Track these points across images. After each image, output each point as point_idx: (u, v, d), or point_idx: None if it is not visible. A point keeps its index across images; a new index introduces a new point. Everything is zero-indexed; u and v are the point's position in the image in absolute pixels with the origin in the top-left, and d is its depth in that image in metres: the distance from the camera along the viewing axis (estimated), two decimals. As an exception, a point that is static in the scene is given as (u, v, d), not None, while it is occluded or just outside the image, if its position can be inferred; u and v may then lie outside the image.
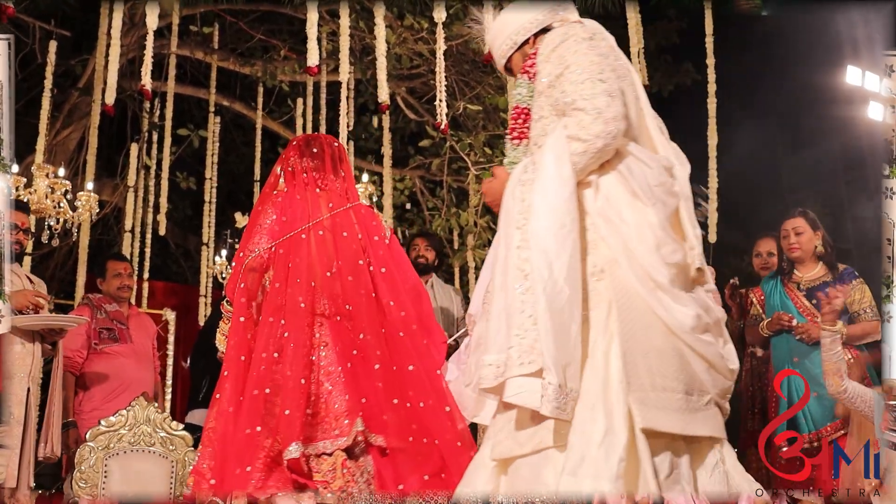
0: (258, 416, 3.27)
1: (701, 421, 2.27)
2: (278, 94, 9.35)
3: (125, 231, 8.06)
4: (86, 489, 4.10)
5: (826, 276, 4.55)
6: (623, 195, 2.36)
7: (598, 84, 2.36)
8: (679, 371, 2.26)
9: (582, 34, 2.49)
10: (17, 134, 8.84)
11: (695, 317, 2.28)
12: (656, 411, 2.21)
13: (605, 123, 2.32)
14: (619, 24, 6.79)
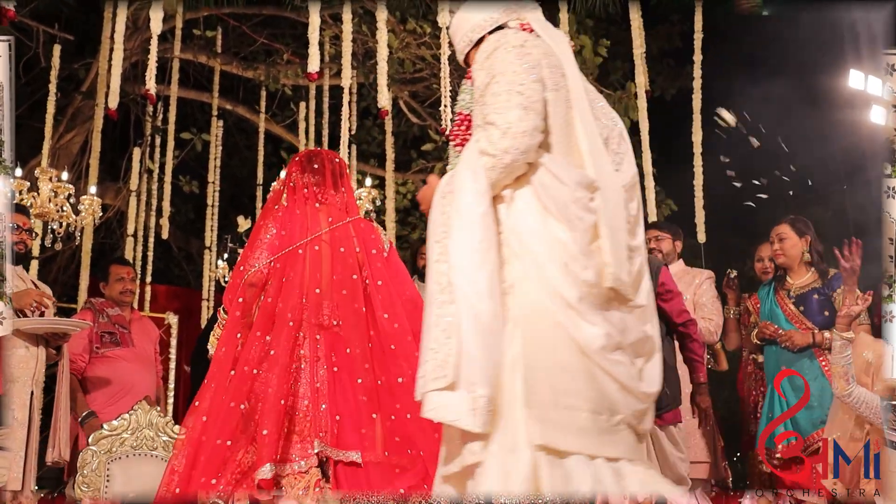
0: (232, 430, 3.30)
1: (609, 442, 2.24)
2: (281, 98, 9.36)
3: (128, 235, 8.07)
4: (88, 493, 4.11)
5: (816, 283, 4.56)
6: (535, 211, 2.32)
7: (514, 97, 2.32)
8: (587, 390, 2.23)
9: (514, 41, 2.44)
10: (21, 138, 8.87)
11: (604, 336, 2.24)
12: (556, 430, 2.19)
13: (514, 139, 2.28)
14: (621, 27, 6.82)
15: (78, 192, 6.94)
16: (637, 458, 2.30)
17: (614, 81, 8.44)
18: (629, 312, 2.34)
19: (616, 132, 2.52)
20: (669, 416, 4.22)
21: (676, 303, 4.34)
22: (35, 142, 7.08)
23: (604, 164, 2.38)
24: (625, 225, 2.36)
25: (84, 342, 5.11)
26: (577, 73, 2.48)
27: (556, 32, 2.57)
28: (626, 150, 2.51)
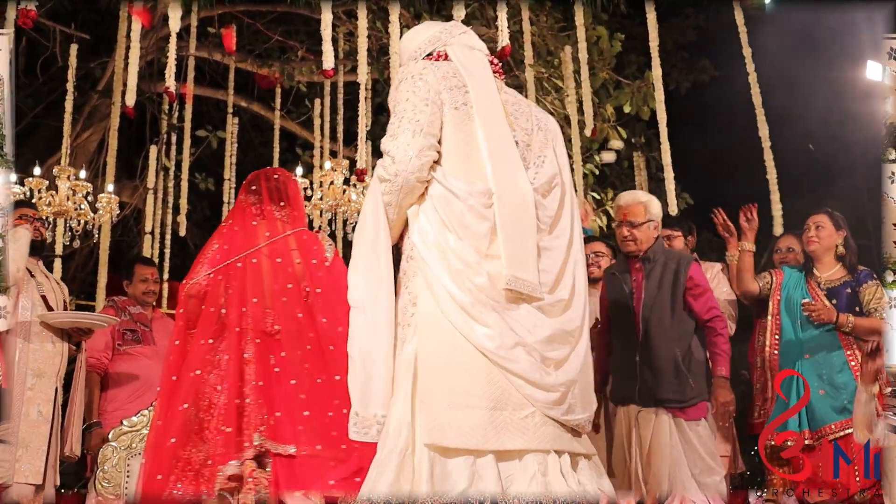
0: (179, 429, 3.56)
1: (511, 435, 2.33)
2: (296, 95, 9.38)
3: (145, 232, 8.11)
4: (109, 488, 4.15)
5: (846, 277, 4.54)
6: (434, 225, 2.48)
7: (404, 124, 2.52)
8: (486, 388, 2.34)
9: (412, 72, 2.62)
10: (39, 137, 8.95)
11: (496, 336, 2.36)
12: (445, 429, 2.31)
13: (402, 163, 2.48)
14: (635, 21, 6.81)
15: (95, 190, 7.00)
16: (564, 448, 2.41)
17: (629, 75, 8.41)
18: (542, 309, 2.47)
19: (541, 136, 2.69)
20: (693, 411, 4.22)
21: (706, 299, 4.35)
22: (53, 141, 7.13)
23: (507, 171, 2.52)
24: (532, 226, 2.51)
25: (106, 339, 5.16)
26: (487, 87, 2.64)
27: (474, 54, 2.74)
28: (549, 153, 2.67)
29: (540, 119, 2.74)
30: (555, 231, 2.59)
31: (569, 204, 2.65)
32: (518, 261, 2.43)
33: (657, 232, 4.50)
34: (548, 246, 2.54)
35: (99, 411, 5.14)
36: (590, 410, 2.52)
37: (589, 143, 8.22)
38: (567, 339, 2.49)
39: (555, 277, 2.52)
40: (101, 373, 5.18)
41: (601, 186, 8.95)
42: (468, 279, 2.41)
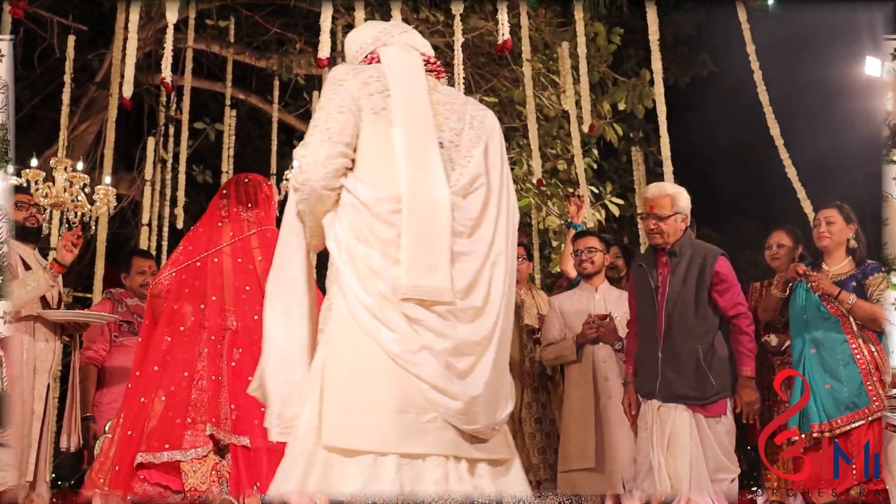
0: (135, 422, 3.73)
1: (416, 438, 2.36)
2: (294, 88, 9.36)
3: (142, 224, 8.10)
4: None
5: (853, 270, 4.49)
6: (346, 233, 2.48)
7: (314, 132, 2.53)
8: (391, 391, 2.37)
9: (334, 77, 2.61)
10: (36, 128, 8.92)
11: (402, 340, 2.38)
12: (347, 431, 2.34)
13: (308, 172, 2.49)
14: (635, 15, 6.79)
15: (92, 182, 6.97)
16: (462, 453, 2.42)
17: (628, 70, 8.41)
18: (452, 313, 2.45)
19: (472, 134, 2.64)
20: (714, 407, 4.22)
21: (731, 295, 4.32)
22: (50, 132, 7.12)
23: (421, 176, 2.49)
24: (445, 231, 2.47)
25: (104, 332, 5.18)
26: (412, 90, 2.61)
27: (410, 55, 2.71)
28: (477, 152, 2.62)
29: (475, 116, 2.69)
30: (475, 234, 2.55)
31: (494, 205, 2.60)
32: (422, 268, 2.43)
33: (685, 225, 4.46)
34: (465, 250, 2.51)
35: (94, 403, 5.14)
36: (494, 418, 2.49)
37: (587, 138, 8.23)
38: (473, 349, 2.47)
39: (468, 283, 2.50)
40: (99, 365, 5.19)
41: (599, 180, 8.95)
42: (375, 285, 2.42)
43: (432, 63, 2.75)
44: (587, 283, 5.18)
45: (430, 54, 2.78)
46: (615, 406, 4.78)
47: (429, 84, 2.68)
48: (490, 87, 8.81)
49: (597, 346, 4.93)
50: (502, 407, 2.52)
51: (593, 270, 5.10)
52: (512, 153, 8.64)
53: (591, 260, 5.11)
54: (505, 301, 2.55)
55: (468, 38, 7.78)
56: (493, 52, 8.27)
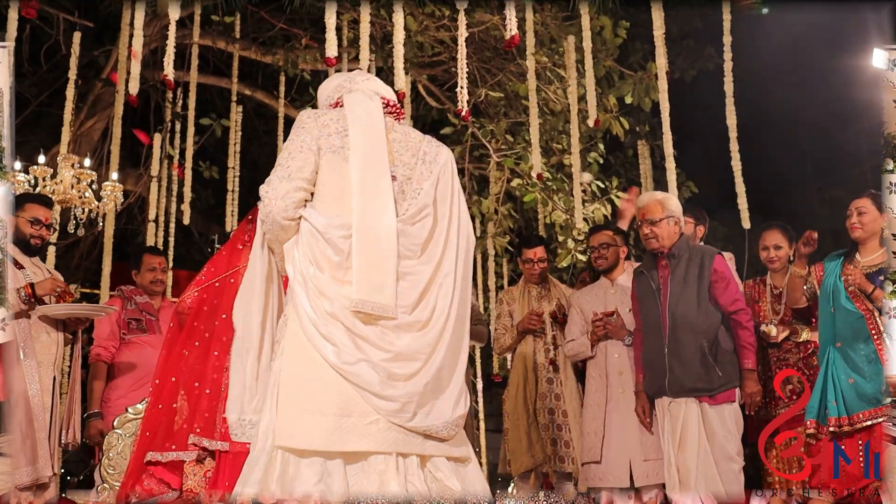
0: (151, 426, 3.88)
1: (358, 438, 2.66)
2: (300, 83, 9.36)
3: (149, 220, 8.12)
4: (114, 475, 4.18)
5: (883, 263, 4.38)
6: (303, 257, 2.82)
7: (276, 170, 2.90)
8: (334, 397, 2.68)
9: (298, 122, 2.97)
10: (43, 125, 8.94)
11: (341, 352, 2.70)
12: (295, 433, 2.66)
13: (269, 205, 2.86)
14: (641, 9, 6.76)
15: (99, 179, 7.00)
16: (410, 450, 2.72)
17: (634, 63, 8.39)
18: (399, 327, 2.78)
19: (423, 168, 2.97)
20: (723, 397, 4.38)
21: (730, 292, 4.50)
22: (56, 129, 7.12)
23: (371, 206, 2.82)
24: (391, 254, 2.79)
25: (112, 329, 5.21)
26: (369, 130, 2.94)
27: (370, 100, 3.05)
28: (427, 185, 2.94)
29: (427, 153, 3.02)
30: (423, 257, 2.87)
31: (442, 232, 2.92)
32: (369, 286, 2.74)
33: (678, 227, 4.64)
34: (412, 271, 2.84)
35: (102, 400, 5.17)
36: (443, 418, 2.77)
37: (593, 132, 8.22)
38: (417, 356, 2.77)
39: (415, 299, 2.82)
40: (108, 362, 5.21)
41: (605, 175, 8.94)
42: (322, 305, 2.74)
43: (391, 106, 3.10)
44: (605, 278, 5.23)
45: (390, 98, 3.11)
46: (628, 400, 4.82)
47: (386, 124, 3.02)
48: (496, 82, 8.80)
49: (610, 342, 4.98)
50: (452, 407, 2.81)
51: (607, 266, 5.19)
52: (518, 148, 8.64)
53: (604, 256, 5.18)
54: (454, 315, 2.87)
55: (474, 32, 7.78)
56: (499, 46, 8.26)
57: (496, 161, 8.82)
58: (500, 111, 9.01)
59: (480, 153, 9.18)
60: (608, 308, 5.02)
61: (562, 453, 5.25)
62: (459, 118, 7.94)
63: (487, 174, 9.25)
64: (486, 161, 9.15)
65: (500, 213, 9.01)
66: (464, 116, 6.00)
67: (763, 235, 5.05)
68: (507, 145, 8.73)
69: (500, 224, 9.02)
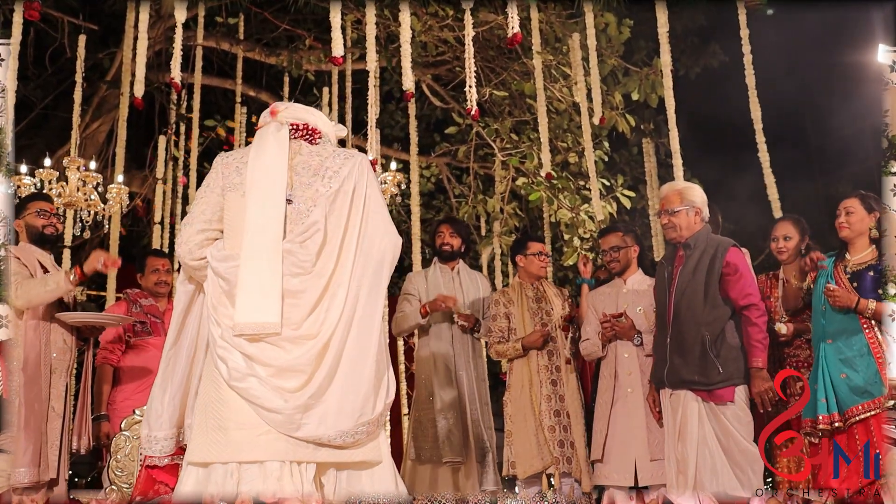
0: None
1: (250, 449, 2.86)
2: (304, 84, 9.37)
3: (155, 223, 8.14)
4: (122, 477, 4.19)
5: (873, 261, 4.42)
6: (209, 290, 3.06)
7: (187, 217, 3.16)
8: (231, 413, 2.89)
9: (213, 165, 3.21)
10: (48, 128, 8.96)
11: (232, 370, 2.90)
12: (201, 447, 2.89)
13: (178, 248, 3.14)
14: (644, 6, 6.76)
15: (105, 181, 7.01)
16: (303, 458, 2.89)
17: (638, 60, 8.38)
18: (287, 340, 2.93)
19: (320, 185, 3.09)
20: (721, 394, 4.29)
21: (742, 285, 4.37)
22: (61, 132, 7.15)
23: (260, 234, 2.99)
24: (276, 276, 2.95)
25: (118, 332, 5.24)
26: (265, 159, 3.10)
27: (279, 129, 3.18)
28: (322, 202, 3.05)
29: (330, 168, 3.12)
30: (313, 271, 3.00)
31: (334, 244, 3.04)
32: (252, 308, 2.92)
33: (698, 218, 4.56)
34: (301, 287, 2.98)
35: (108, 402, 5.18)
36: (338, 427, 2.91)
37: (598, 130, 8.21)
38: (305, 368, 2.92)
39: (304, 314, 2.97)
40: (114, 365, 5.23)
41: (611, 172, 8.93)
42: (217, 329, 2.96)
43: (301, 130, 3.21)
44: (618, 278, 5.21)
45: (304, 121, 3.22)
46: (635, 400, 4.81)
47: (293, 148, 3.15)
48: (500, 81, 8.80)
49: (620, 342, 4.97)
50: (352, 415, 2.93)
51: (621, 268, 5.16)
52: (523, 147, 8.64)
53: (616, 259, 5.15)
54: (343, 325, 2.99)
55: (478, 31, 7.77)
56: (503, 45, 8.25)
57: (501, 160, 8.82)
58: (505, 110, 9.01)
59: (485, 152, 9.18)
60: (620, 308, 5.01)
61: (568, 454, 5.25)
62: (464, 117, 7.94)
63: (492, 173, 9.25)
64: (491, 160, 9.15)
65: (505, 211, 9.00)
66: (473, 116, 5.99)
67: (774, 227, 5.06)
68: (511, 144, 8.73)
69: (505, 223, 9.01)
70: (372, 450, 3.00)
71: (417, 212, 8.28)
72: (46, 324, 4.49)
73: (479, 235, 9.40)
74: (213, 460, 2.87)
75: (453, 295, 5.48)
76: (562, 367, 5.38)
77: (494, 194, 9.12)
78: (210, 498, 2.86)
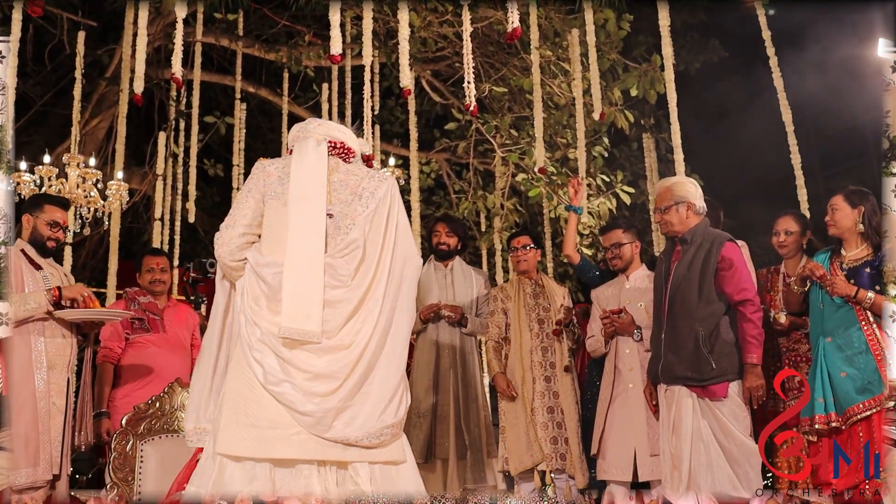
0: None
1: (282, 447, 3.01)
2: (303, 80, 9.37)
3: (155, 219, 8.14)
4: (122, 473, 4.19)
5: (868, 256, 4.41)
6: (245, 290, 3.18)
7: (227, 218, 3.29)
8: (264, 412, 3.03)
9: (251, 172, 3.33)
10: (48, 125, 8.96)
11: (266, 373, 3.03)
12: (229, 442, 3.02)
13: (217, 249, 3.24)
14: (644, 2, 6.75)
15: (105, 178, 7.02)
16: (329, 458, 3.04)
17: (638, 56, 8.37)
18: (322, 349, 3.08)
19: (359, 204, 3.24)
20: (714, 390, 4.28)
21: (736, 280, 4.35)
22: (61, 128, 7.15)
23: (302, 244, 3.15)
24: (318, 286, 3.11)
25: (118, 330, 5.25)
26: (308, 174, 3.24)
27: (319, 145, 3.31)
28: (361, 220, 3.22)
29: (366, 188, 3.28)
30: (352, 285, 3.16)
31: (372, 263, 3.20)
32: (297, 315, 3.07)
33: (691, 212, 4.53)
34: (340, 298, 3.13)
35: (108, 399, 5.20)
36: (364, 429, 3.07)
37: (598, 126, 8.20)
38: (336, 376, 3.07)
39: (341, 324, 3.12)
40: (114, 362, 5.24)
41: (611, 168, 8.93)
42: (255, 332, 3.09)
43: (338, 148, 3.35)
44: (621, 274, 5.20)
45: (341, 140, 3.36)
46: (634, 396, 4.82)
47: (332, 165, 3.31)
48: (500, 77, 8.79)
49: (621, 338, 4.97)
50: (377, 418, 3.09)
51: (623, 265, 5.14)
52: (522, 142, 8.63)
53: (619, 255, 5.14)
54: (377, 336, 3.16)
55: (477, 27, 7.77)
56: (502, 41, 8.25)
57: (501, 156, 8.82)
58: (504, 106, 9.01)
59: (485, 148, 9.18)
60: (622, 304, 5.01)
61: (561, 451, 5.25)
62: (463, 113, 7.93)
63: (492, 169, 9.25)
64: (491, 156, 9.15)
65: (505, 207, 9.00)
66: (472, 112, 5.98)
67: (775, 221, 5.06)
68: (511, 140, 8.72)
69: (505, 219, 9.01)
70: (396, 449, 3.16)
71: (417, 208, 8.28)
72: (41, 321, 4.48)
73: (479, 231, 9.40)
74: (246, 455, 3.02)
75: (444, 292, 5.55)
76: (556, 364, 5.39)
77: (494, 190, 9.12)
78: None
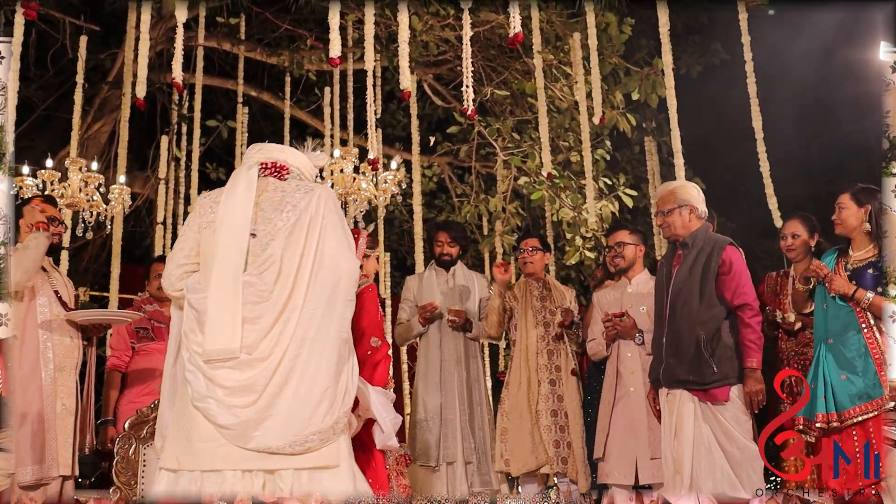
0: None
1: (210, 458, 3.18)
2: (305, 84, 9.37)
3: (157, 223, 8.14)
4: (125, 476, 4.20)
5: (873, 257, 4.38)
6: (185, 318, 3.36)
7: (171, 251, 3.54)
8: (198, 428, 3.21)
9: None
10: (50, 129, 8.97)
11: (196, 392, 3.22)
12: (171, 457, 3.25)
13: (163, 281, 3.49)
14: (645, 5, 6.76)
15: (107, 182, 7.02)
16: (253, 466, 3.18)
17: (640, 60, 8.37)
18: (242, 363, 3.21)
19: (281, 220, 3.33)
20: (716, 393, 4.27)
21: (735, 285, 4.34)
22: (64, 132, 7.15)
23: (225, 267, 3.28)
24: (236, 306, 3.23)
25: (125, 338, 5.33)
26: (233, 198, 3.38)
27: (249, 169, 3.46)
28: (281, 236, 3.30)
29: (290, 202, 3.37)
30: (269, 301, 3.25)
31: (289, 274, 3.27)
32: (216, 336, 3.21)
33: (693, 216, 4.53)
34: (260, 314, 3.23)
35: (114, 407, 5.23)
36: (287, 437, 3.17)
37: (600, 129, 8.20)
38: (254, 388, 3.19)
39: (256, 339, 3.22)
40: (124, 370, 5.30)
41: (613, 171, 8.93)
42: (188, 352, 3.28)
43: (270, 167, 3.47)
44: (624, 277, 5.19)
45: (272, 160, 3.49)
46: (637, 399, 4.81)
47: (261, 186, 3.42)
48: (501, 80, 8.80)
49: (623, 342, 4.97)
50: (302, 425, 3.18)
51: (625, 265, 5.13)
52: (524, 146, 8.64)
53: (621, 255, 5.12)
54: (294, 346, 3.24)
55: (479, 31, 7.78)
56: (504, 44, 8.25)
57: (503, 159, 8.82)
58: (506, 109, 9.01)
59: (487, 151, 9.18)
60: (627, 306, 5.01)
61: (563, 454, 5.24)
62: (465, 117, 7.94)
63: (494, 172, 9.25)
64: (493, 159, 9.16)
65: (507, 211, 9.01)
66: (470, 115, 5.98)
67: (783, 225, 5.07)
68: (513, 143, 8.73)
69: (507, 222, 9.02)
70: (326, 454, 3.24)
71: (419, 211, 8.28)
72: (48, 322, 4.49)
73: (481, 235, 9.40)
74: (181, 468, 3.22)
75: (446, 297, 5.56)
76: (562, 367, 5.39)
77: (496, 193, 9.13)
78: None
